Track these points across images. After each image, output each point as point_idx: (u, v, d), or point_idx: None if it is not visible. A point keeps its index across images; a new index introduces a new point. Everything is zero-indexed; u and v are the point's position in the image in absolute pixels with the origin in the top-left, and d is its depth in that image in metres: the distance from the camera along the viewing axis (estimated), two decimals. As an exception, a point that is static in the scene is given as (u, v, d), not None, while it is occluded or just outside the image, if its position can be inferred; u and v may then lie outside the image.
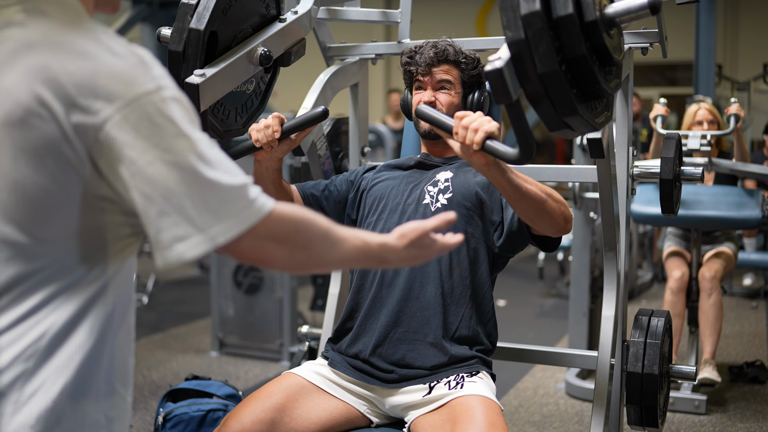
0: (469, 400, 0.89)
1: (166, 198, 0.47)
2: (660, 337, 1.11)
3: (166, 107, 0.47)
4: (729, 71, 5.01)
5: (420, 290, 0.96)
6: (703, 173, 1.21)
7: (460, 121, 0.80)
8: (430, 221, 0.62)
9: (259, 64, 0.94)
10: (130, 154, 0.46)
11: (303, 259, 0.53)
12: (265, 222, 0.50)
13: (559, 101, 0.66)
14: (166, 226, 0.47)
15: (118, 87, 0.46)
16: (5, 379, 0.47)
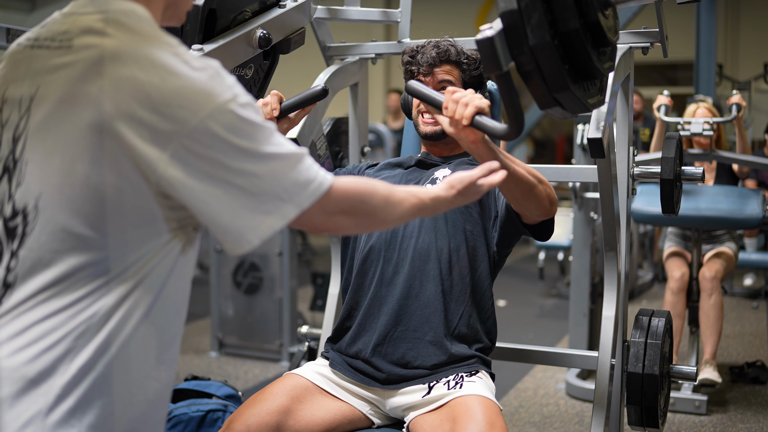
0: (468, 400, 0.88)
1: (254, 183, 0.52)
2: (660, 338, 1.11)
3: (242, 110, 0.53)
4: (730, 71, 5.01)
5: (420, 288, 0.96)
6: (703, 173, 1.21)
7: (451, 95, 0.79)
8: (475, 171, 0.68)
9: (258, 47, 0.92)
10: (216, 155, 0.51)
11: (368, 224, 0.62)
12: (329, 197, 0.56)
13: (550, 75, 0.65)
14: (259, 204, 0.53)
15: (201, 98, 0.51)
16: (56, 353, 0.50)
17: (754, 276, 3.37)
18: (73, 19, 0.55)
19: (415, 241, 0.98)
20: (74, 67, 0.52)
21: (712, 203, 1.88)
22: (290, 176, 0.54)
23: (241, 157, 0.52)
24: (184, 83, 0.51)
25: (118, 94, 0.50)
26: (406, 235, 0.99)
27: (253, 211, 0.53)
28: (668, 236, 2.13)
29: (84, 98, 0.51)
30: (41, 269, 0.52)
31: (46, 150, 0.53)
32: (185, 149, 0.51)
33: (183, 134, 0.50)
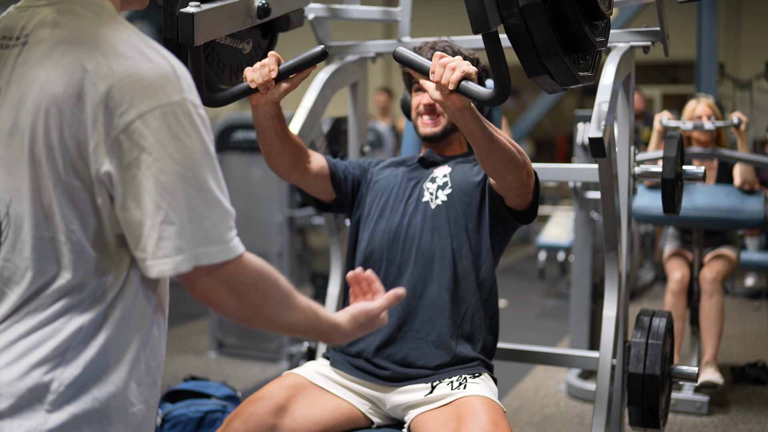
0: (472, 400, 0.88)
1: (173, 207, 0.48)
2: (662, 338, 1.10)
3: (188, 120, 0.49)
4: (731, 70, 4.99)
5: (424, 289, 0.96)
6: (705, 172, 1.20)
7: (438, 60, 0.77)
8: (379, 302, 0.65)
9: (256, 17, 0.90)
10: (147, 159, 0.47)
11: (250, 315, 0.55)
12: (230, 265, 0.51)
13: (539, 39, 0.64)
14: (169, 235, 0.48)
15: (146, 92, 0.47)
16: (47, 366, 0.49)
17: (756, 276, 3.36)
18: (30, 12, 0.53)
19: (417, 242, 0.98)
20: (28, 64, 0.51)
21: (713, 203, 1.87)
22: (211, 220, 0.49)
23: (169, 170, 0.48)
24: (132, 73, 0.48)
25: (67, 78, 0.48)
26: (409, 237, 0.98)
27: (159, 239, 0.48)
28: (668, 237, 2.12)
29: (37, 95, 0.49)
30: (20, 279, 0.51)
31: (10, 154, 0.51)
32: (120, 145, 0.48)
33: (120, 128, 0.47)
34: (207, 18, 0.84)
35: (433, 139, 1.04)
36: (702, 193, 1.89)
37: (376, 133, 3.07)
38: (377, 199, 1.03)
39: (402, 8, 1.30)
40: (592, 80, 0.74)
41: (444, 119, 1.03)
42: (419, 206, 1.00)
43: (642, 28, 1.14)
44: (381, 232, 1.00)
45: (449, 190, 0.99)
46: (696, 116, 1.93)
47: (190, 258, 0.49)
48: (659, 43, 1.14)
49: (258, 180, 2.31)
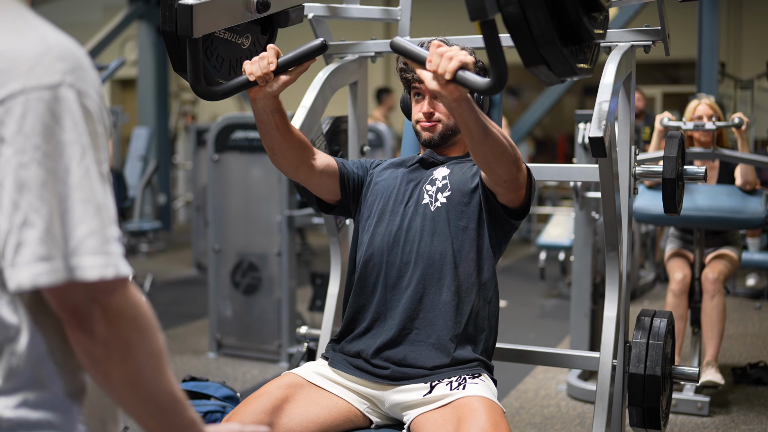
0: (472, 401, 0.88)
1: (35, 209, 0.40)
2: (662, 338, 1.10)
3: (61, 107, 0.41)
4: (732, 69, 4.99)
5: (424, 292, 0.96)
6: (705, 172, 1.20)
7: (436, 49, 0.76)
8: (247, 427, 0.56)
9: (255, 11, 0.89)
10: (6, 151, 0.40)
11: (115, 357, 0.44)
12: (113, 286, 0.43)
13: (536, 28, 0.63)
14: (30, 241, 0.41)
15: (11, 75, 0.40)
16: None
17: (757, 276, 3.35)
18: None
19: (417, 244, 0.97)
20: None
21: (714, 203, 1.86)
22: (87, 226, 0.41)
23: (31, 165, 0.40)
24: (2, 54, 0.40)
25: None
26: (409, 239, 0.98)
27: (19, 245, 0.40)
28: (669, 237, 2.11)
29: None
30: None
31: None
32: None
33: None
34: (206, 10, 0.83)
35: (431, 144, 1.05)
36: (703, 193, 1.88)
37: (376, 132, 3.07)
38: (377, 202, 1.03)
39: (402, 7, 1.30)
40: (590, 73, 0.73)
41: (441, 125, 1.03)
42: (419, 208, 1.00)
43: (643, 28, 1.14)
44: (381, 235, 1.00)
45: (448, 192, 0.99)
46: (697, 116, 1.92)
47: (59, 269, 0.41)
48: (660, 43, 1.13)
49: (257, 180, 2.30)
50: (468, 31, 1.25)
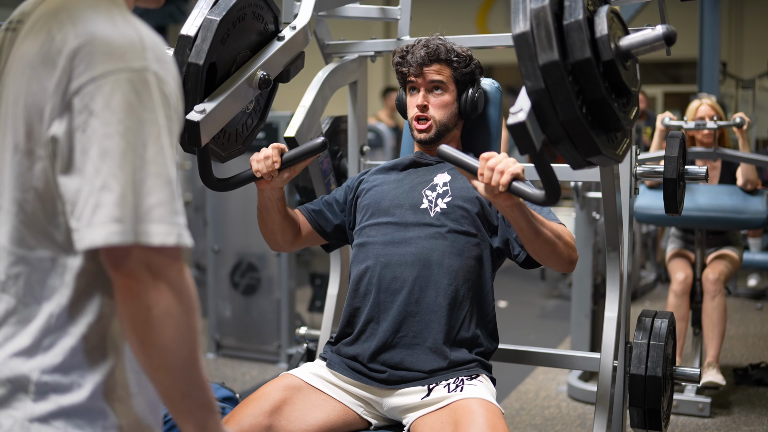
0: (469, 403, 0.88)
1: (114, 175, 0.45)
2: (663, 339, 1.09)
3: (146, 89, 0.46)
4: (733, 69, 4.97)
5: (420, 295, 0.95)
6: (707, 172, 1.19)
7: (486, 162, 0.80)
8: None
9: (258, 88, 0.95)
10: (94, 123, 0.45)
11: (157, 325, 0.47)
12: (176, 256, 0.47)
13: (581, 143, 0.67)
14: (106, 203, 0.45)
15: (105, 57, 0.46)
16: (22, 359, 0.48)
17: (758, 277, 3.34)
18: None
19: (414, 248, 0.97)
20: (16, 41, 0.50)
21: (716, 203, 1.85)
22: (156, 197, 0.45)
23: (115, 136, 0.44)
24: (93, 36, 0.46)
25: (35, 47, 0.48)
26: (405, 242, 0.98)
27: (96, 206, 0.44)
28: (670, 238, 2.11)
29: (15, 67, 0.49)
30: (6, 266, 0.50)
31: (2, 144, 0.51)
32: (70, 107, 0.45)
33: (74, 90, 0.45)
34: (213, 118, 0.88)
35: (426, 142, 1.05)
36: (704, 193, 1.87)
37: (375, 132, 3.06)
38: (371, 206, 1.03)
39: (401, 7, 1.29)
40: (630, 147, 0.79)
41: (434, 124, 1.03)
42: (417, 213, 0.99)
43: (644, 27, 1.13)
44: (378, 237, 1.00)
45: (449, 198, 0.99)
46: (699, 117, 1.92)
47: (128, 232, 0.45)
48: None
49: (257, 180, 2.30)
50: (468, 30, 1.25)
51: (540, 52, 0.64)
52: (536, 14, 0.63)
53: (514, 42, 0.65)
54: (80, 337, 0.49)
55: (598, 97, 0.66)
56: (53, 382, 0.49)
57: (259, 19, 0.97)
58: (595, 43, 0.66)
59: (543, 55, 0.63)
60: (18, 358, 0.49)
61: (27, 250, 0.49)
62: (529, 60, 0.65)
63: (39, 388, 0.48)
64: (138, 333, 0.48)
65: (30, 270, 0.49)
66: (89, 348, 0.49)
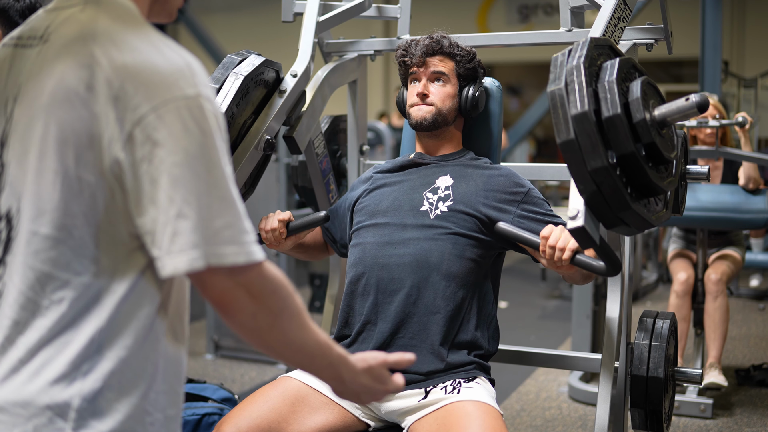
0: (466, 405, 0.87)
1: (187, 202, 0.47)
2: (665, 340, 1.09)
3: (202, 115, 0.48)
4: (736, 68, 4.96)
5: (419, 296, 0.95)
6: (708, 171, 1.18)
7: (546, 241, 0.87)
8: (391, 356, 0.61)
9: (263, 151, 1.01)
10: (160, 153, 0.47)
11: (266, 324, 0.52)
12: (251, 269, 0.50)
13: (611, 196, 0.69)
14: (183, 230, 0.47)
15: (160, 86, 0.48)
16: (61, 385, 0.48)
17: (761, 277, 3.33)
18: (56, 14, 0.53)
19: (412, 248, 0.96)
20: (47, 59, 0.51)
21: (718, 202, 1.85)
22: (220, 221, 0.48)
23: (182, 164, 0.47)
24: (145, 67, 0.48)
25: (80, 71, 0.48)
26: (403, 243, 0.97)
27: (171, 236, 0.47)
28: (672, 238, 2.10)
29: (53, 88, 0.49)
30: (27, 279, 0.50)
31: (22, 149, 0.51)
32: (133, 139, 0.47)
33: (133, 121, 0.47)
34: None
35: (422, 127, 1.02)
36: (706, 193, 1.87)
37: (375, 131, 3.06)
38: (371, 206, 1.02)
39: (401, 5, 1.29)
40: (668, 217, 0.80)
41: (435, 108, 1.02)
42: (417, 214, 0.98)
43: (645, 26, 1.13)
44: (376, 238, 0.99)
45: (450, 202, 0.98)
46: (701, 116, 1.92)
47: (205, 256, 0.48)
48: (662, 41, 1.12)
49: (257, 180, 2.30)
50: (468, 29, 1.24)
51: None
52: (578, 120, 0.67)
53: (561, 149, 0.68)
54: (118, 360, 0.50)
55: (627, 151, 0.69)
56: (92, 408, 0.49)
57: (263, 83, 1.02)
58: (628, 105, 0.70)
59: (591, 162, 0.67)
60: (58, 385, 0.49)
61: (72, 275, 0.49)
62: (576, 165, 0.68)
63: (79, 414, 0.48)
64: (252, 337, 0.52)
65: (74, 295, 0.49)
66: (126, 371, 0.50)
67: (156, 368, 0.52)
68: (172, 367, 0.53)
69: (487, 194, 0.99)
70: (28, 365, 0.49)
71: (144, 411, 0.51)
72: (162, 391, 0.52)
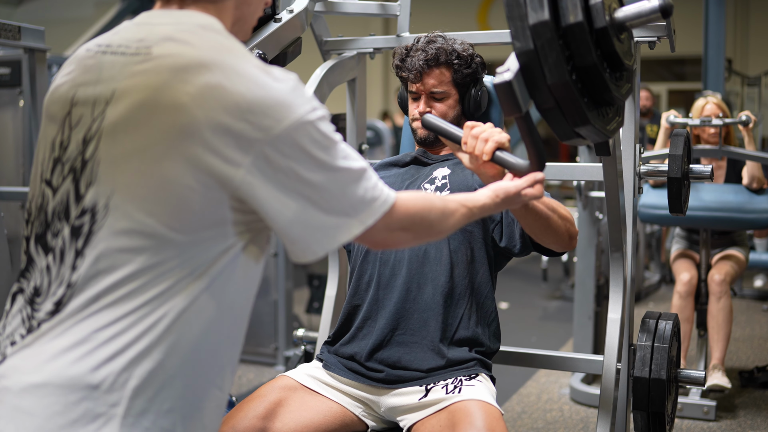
0: (468, 405, 0.86)
1: (325, 197, 0.55)
2: (668, 341, 1.08)
3: (320, 124, 0.55)
4: (739, 66, 4.93)
5: (418, 291, 0.94)
6: (712, 171, 1.17)
7: (470, 131, 0.79)
8: (519, 182, 0.72)
9: None
10: (293, 165, 0.54)
11: (425, 236, 0.64)
12: (391, 215, 0.59)
13: (570, 111, 0.65)
14: (328, 218, 0.55)
15: (284, 109, 0.53)
16: (122, 360, 0.51)
17: (765, 277, 3.31)
18: (149, 28, 0.57)
19: None
20: (157, 73, 0.54)
21: (721, 202, 1.83)
22: (358, 193, 0.56)
23: (316, 169, 0.54)
24: (267, 93, 0.53)
25: (204, 101, 0.52)
26: None
27: (322, 224, 0.55)
28: (675, 238, 2.09)
29: (169, 104, 0.53)
30: (106, 270, 0.52)
31: (122, 151, 0.54)
32: (265, 158, 0.53)
33: (265, 143, 0.52)
34: None
35: (427, 143, 1.04)
36: (709, 192, 1.85)
37: (374, 130, 3.05)
38: None
39: (401, 3, 1.27)
40: (621, 126, 0.76)
41: None
42: None
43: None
44: None
45: (447, 192, 0.98)
46: (705, 116, 1.89)
47: (354, 226, 0.56)
48: (665, 39, 1.11)
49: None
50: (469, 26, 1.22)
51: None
52: (538, 30, 0.62)
53: (518, 57, 0.64)
54: (174, 341, 0.53)
55: (588, 63, 0.63)
56: (149, 390, 0.52)
57: None
58: (589, 9, 0.64)
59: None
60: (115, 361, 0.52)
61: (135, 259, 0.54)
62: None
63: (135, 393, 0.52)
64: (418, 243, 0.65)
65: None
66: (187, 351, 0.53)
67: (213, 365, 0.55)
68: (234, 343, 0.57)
69: None
70: (88, 342, 0.51)
71: (196, 409, 0.54)
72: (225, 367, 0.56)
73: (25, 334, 0.53)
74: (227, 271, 0.54)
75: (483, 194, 0.69)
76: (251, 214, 0.54)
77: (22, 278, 0.56)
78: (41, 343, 0.52)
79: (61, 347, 0.51)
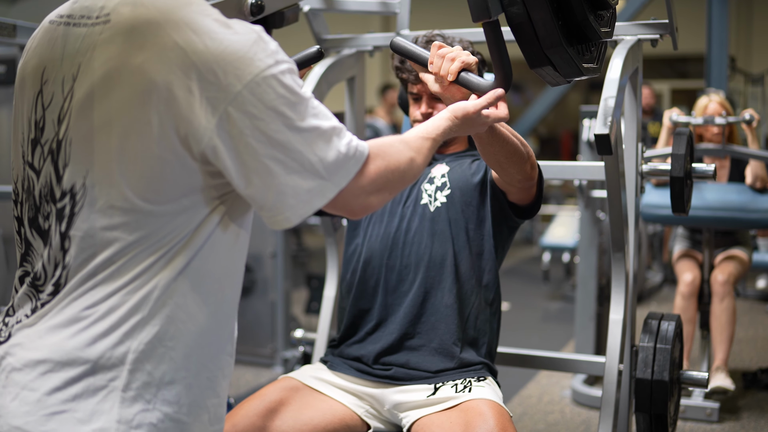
0: (480, 404, 0.86)
1: (295, 158, 0.51)
2: (670, 342, 1.07)
3: (285, 78, 0.51)
4: (742, 64, 4.90)
5: (425, 296, 0.94)
6: (715, 170, 1.15)
7: (437, 50, 0.76)
8: (480, 100, 0.68)
9: (249, 14, 0.88)
10: (260, 125, 0.50)
11: (399, 189, 0.60)
12: (365, 175, 0.55)
13: (542, 28, 0.62)
14: (299, 181, 0.52)
15: (243, 63, 0.50)
16: (122, 331, 0.51)
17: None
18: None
19: (417, 246, 0.96)
20: (113, 42, 0.52)
21: (724, 202, 1.81)
22: (330, 153, 0.53)
23: (283, 128, 0.51)
24: (226, 48, 0.50)
25: (161, 64, 0.50)
26: (408, 242, 0.96)
27: (293, 189, 0.52)
28: (678, 238, 2.07)
29: (128, 71, 0.51)
30: (94, 249, 0.52)
31: (90, 127, 0.52)
32: (229, 118, 0.50)
33: (227, 102, 0.50)
34: None
35: None
36: (712, 192, 1.84)
37: (373, 129, 3.04)
38: None
39: (400, 0, 1.26)
40: (597, 72, 0.72)
41: None
42: (417, 209, 0.97)
43: (650, 21, 1.10)
44: (379, 238, 0.98)
45: (448, 191, 0.97)
46: (707, 114, 1.88)
47: (329, 189, 0.53)
48: (668, 36, 1.10)
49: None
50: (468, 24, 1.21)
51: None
52: None
53: None
54: (167, 314, 0.53)
55: (581, 24, 0.61)
56: (146, 363, 0.53)
57: None
58: None
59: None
60: (111, 335, 0.52)
61: (123, 236, 0.53)
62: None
63: (132, 363, 0.52)
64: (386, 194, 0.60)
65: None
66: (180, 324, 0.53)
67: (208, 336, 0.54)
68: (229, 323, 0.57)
69: (478, 166, 0.98)
70: (84, 318, 0.51)
71: (196, 376, 0.54)
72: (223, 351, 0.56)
73: (29, 314, 0.54)
74: (211, 240, 0.53)
75: (441, 118, 0.66)
76: (221, 177, 0.52)
77: (25, 262, 0.56)
78: (43, 322, 0.52)
79: (59, 324, 0.51)
